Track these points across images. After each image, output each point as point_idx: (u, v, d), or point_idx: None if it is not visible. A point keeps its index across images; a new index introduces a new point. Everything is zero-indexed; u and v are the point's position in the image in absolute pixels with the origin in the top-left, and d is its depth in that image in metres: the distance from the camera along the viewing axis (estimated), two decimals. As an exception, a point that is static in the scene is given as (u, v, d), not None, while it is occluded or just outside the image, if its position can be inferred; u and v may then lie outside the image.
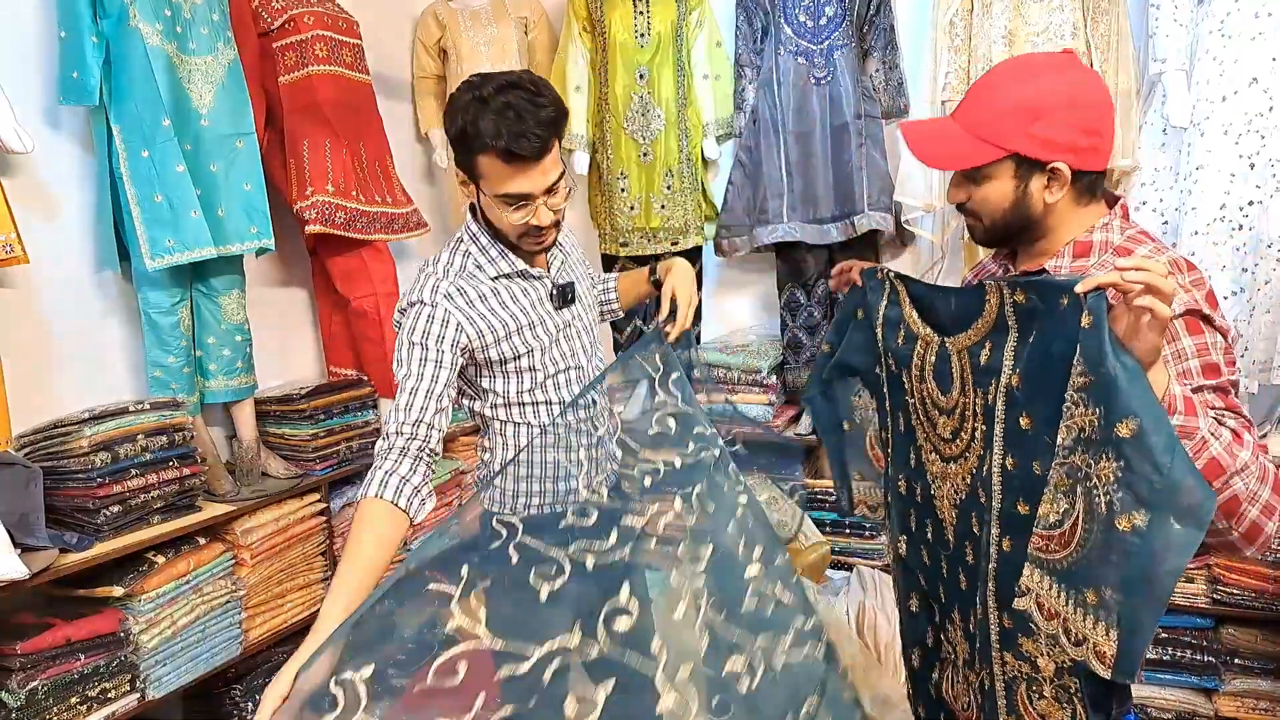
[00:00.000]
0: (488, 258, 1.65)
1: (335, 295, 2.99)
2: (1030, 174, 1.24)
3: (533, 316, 1.67)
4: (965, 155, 1.25)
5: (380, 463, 1.48)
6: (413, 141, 3.65)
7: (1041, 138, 1.21)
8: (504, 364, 1.66)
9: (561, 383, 1.72)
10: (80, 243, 2.41)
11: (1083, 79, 1.24)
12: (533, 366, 1.68)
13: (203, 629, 2.35)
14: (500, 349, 1.64)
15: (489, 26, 3.35)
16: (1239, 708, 2.63)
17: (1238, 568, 2.60)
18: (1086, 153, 1.23)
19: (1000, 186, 1.26)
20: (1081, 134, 1.22)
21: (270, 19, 2.70)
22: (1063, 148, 1.21)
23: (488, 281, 1.65)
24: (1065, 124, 1.21)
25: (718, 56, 3.23)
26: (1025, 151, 1.22)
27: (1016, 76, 1.25)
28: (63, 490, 2.18)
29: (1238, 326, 2.52)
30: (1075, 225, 1.29)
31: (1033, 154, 1.22)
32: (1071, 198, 1.27)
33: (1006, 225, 1.30)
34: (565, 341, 1.73)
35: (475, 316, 1.61)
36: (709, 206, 3.32)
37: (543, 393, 1.71)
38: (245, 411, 2.70)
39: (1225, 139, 2.48)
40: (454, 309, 1.59)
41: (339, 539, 2.81)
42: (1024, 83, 1.23)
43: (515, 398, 1.69)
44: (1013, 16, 2.68)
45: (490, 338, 1.62)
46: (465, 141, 1.50)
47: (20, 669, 1.94)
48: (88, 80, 2.23)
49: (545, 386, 1.70)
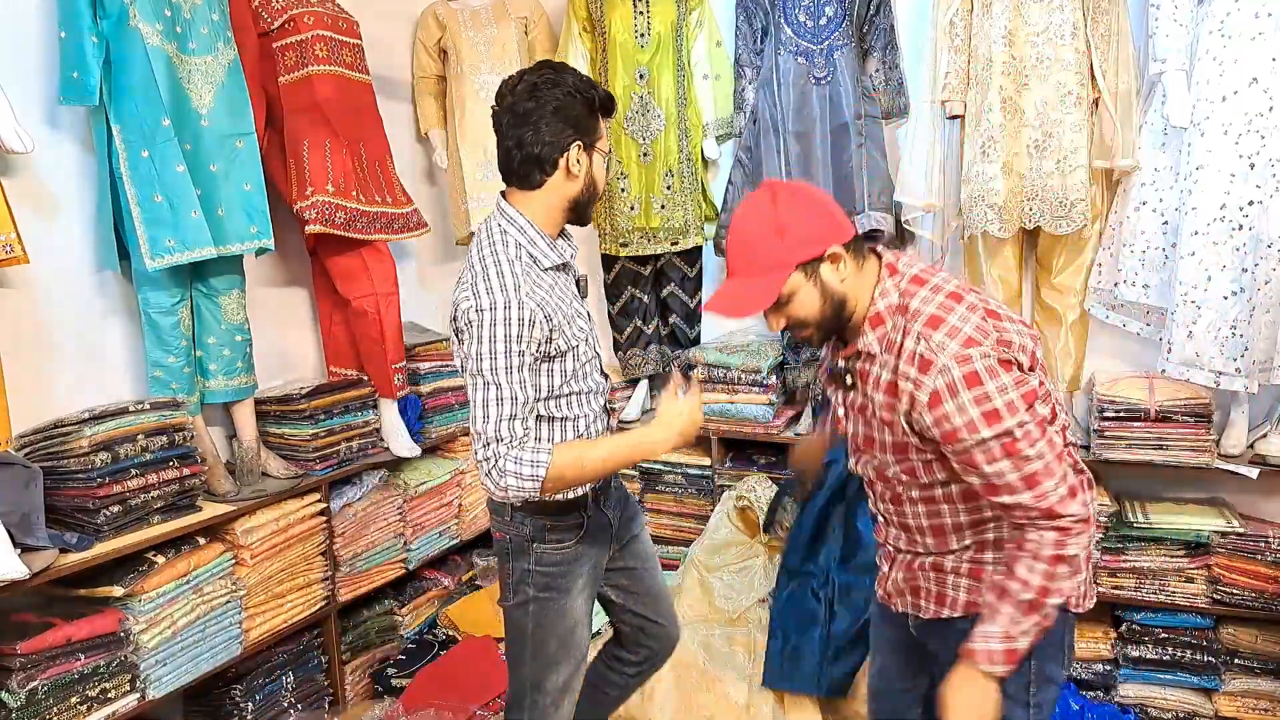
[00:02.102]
0: (539, 250, 1.70)
1: (335, 295, 2.99)
2: (816, 269, 1.43)
3: (575, 308, 1.76)
4: (768, 291, 1.42)
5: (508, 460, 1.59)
6: (413, 141, 3.65)
7: (800, 242, 1.41)
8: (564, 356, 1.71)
9: (589, 371, 1.79)
10: (80, 243, 2.41)
11: (782, 193, 1.45)
12: (576, 357, 1.74)
13: (203, 629, 2.35)
14: (556, 343, 1.68)
15: (489, 26, 3.35)
16: (1239, 708, 2.63)
17: (1238, 568, 2.60)
18: (835, 230, 1.44)
19: (804, 294, 1.44)
20: (818, 221, 1.43)
21: (270, 19, 2.70)
22: (818, 238, 1.42)
23: (544, 274, 1.70)
24: (804, 223, 1.42)
25: (718, 56, 3.23)
26: (802, 258, 1.42)
27: (747, 228, 1.44)
28: (63, 490, 2.18)
29: (1238, 326, 2.52)
30: (864, 292, 1.47)
31: (809, 255, 1.42)
32: (854, 268, 1.46)
33: (828, 319, 1.47)
34: (590, 332, 1.81)
35: (550, 311, 1.66)
36: (709, 206, 3.32)
37: (577, 382, 1.76)
38: (245, 411, 2.70)
39: (1225, 139, 2.48)
40: (534, 305, 1.63)
41: (339, 539, 2.81)
42: (754, 225, 1.44)
43: (561, 390, 1.73)
44: (1013, 16, 2.68)
45: (554, 331, 1.67)
46: (591, 108, 1.69)
47: (20, 669, 1.94)
48: (88, 80, 2.23)
49: (579, 376, 1.76)
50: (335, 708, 2.85)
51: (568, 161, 1.69)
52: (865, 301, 1.47)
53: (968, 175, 2.77)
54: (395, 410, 3.06)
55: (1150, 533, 2.67)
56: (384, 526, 3.01)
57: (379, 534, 2.98)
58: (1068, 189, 2.66)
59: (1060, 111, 2.64)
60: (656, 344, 3.43)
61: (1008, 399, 1.33)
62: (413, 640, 3.15)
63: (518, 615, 1.84)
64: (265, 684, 2.62)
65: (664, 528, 3.37)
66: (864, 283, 1.47)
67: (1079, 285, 2.86)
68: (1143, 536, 2.69)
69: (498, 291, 1.61)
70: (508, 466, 1.59)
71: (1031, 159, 2.70)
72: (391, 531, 3.04)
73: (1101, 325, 2.93)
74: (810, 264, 1.42)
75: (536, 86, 1.65)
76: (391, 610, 3.15)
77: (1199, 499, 2.81)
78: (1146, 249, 2.70)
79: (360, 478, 2.95)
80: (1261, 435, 2.69)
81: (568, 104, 1.65)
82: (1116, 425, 2.69)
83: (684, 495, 3.33)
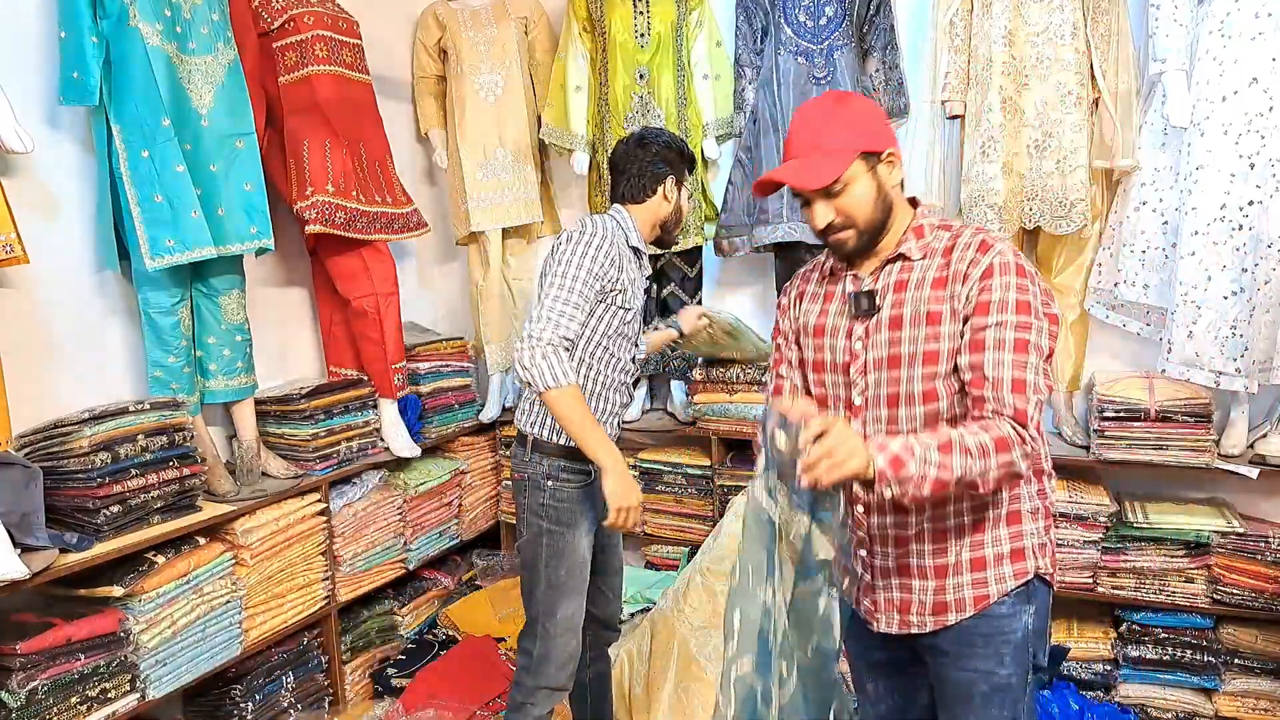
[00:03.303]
0: (623, 233, 2.14)
1: (335, 295, 2.99)
2: (875, 164, 1.47)
3: (639, 283, 2.18)
4: (832, 168, 1.44)
5: (549, 353, 1.90)
6: (413, 141, 3.65)
7: (867, 134, 1.47)
8: (618, 308, 2.09)
9: (623, 345, 2.15)
10: (80, 243, 2.41)
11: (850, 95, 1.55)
12: (624, 318, 2.11)
13: (202, 629, 2.35)
14: (616, 296, 2.07)
15: (489, 26, 3.35)
16: (1239, 708, 2.63)
17: (1238, 568, 2.60)
18: (893, 138, 1.52)
19: (860, 185, 1.46)
20: (883, 123, 1.51)
21: (270, 19, 2.70)
22: (883, 135, 1.49)
23: (624, 247, 2.12)
24: (871, 120, 1.49)
25: (718, 56, 3.23)
26: (867, 147, 1.46)
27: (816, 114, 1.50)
28: (63, 490, 2.18)
29: (1238, 326, 2.52)
30: (902, 210, 1.54)
31: (872, 147, 1.47)
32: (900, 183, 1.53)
33: (874, 221, 1.49)
34: (638, 316, 2.19)
35: (621, 261, 2.08)
36: (709, 206, 3.32)
37: (613, 344, 2.11)
38: (245, 411, 2.70)
39: (1225, 139, 2.48)
40: (613, 250, 2.05)
41: (339, 539, 2.81)
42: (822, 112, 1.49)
43: (602, 333, 2.08)
44: (1013, 16, 2.68)
45: (619, 281, 2.07)
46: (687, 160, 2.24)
47: (20, 669, 1.94)
48: (88, 80, 2.23)
49: (616, 339, 2.11)
50: (335, 708, 2.85)
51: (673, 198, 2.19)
52: (903, 219, 1.53)
53: (968, 175, 2.77)
54: (395, 410, 3.06)
55: (1150, 533, 2.67)
56: (384, 526, 3.01)
57: (379, 534, 2.99)
58: (1068, 189, 2.66)
59: (1060, 111, 2.65)
60: (656, 344, 3.44)
61: (1040, 304, 1.42)
62: (413, 640, 3.15)
63: (531, 550, 2.12)
64: (265, 684, 2.62)
65: (664, 528, 3.37)
66: (899, 200, 1.54)
67: (1079, 285, 2.86)
68: (1143, 536, 2.69)
69: (598, 228, 2.05)
70: (548, 356, 1.89)
71: (1031, 159, 2.70)
72: (391, 531, 3.04)
73: (1101, 325, 2.93)
74: (872, 156, 1.46)
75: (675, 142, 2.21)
76: (391, 610, 3.15)
77: (1199, 499, 2.81)
78: (1146, 249, 2.70)
79: (360, 478, 2.95)
80: (1261, 435, 2.69)
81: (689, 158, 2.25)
82: (1116, 425, 2.69)
83: (684, 495, 3.33)
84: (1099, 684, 2.76)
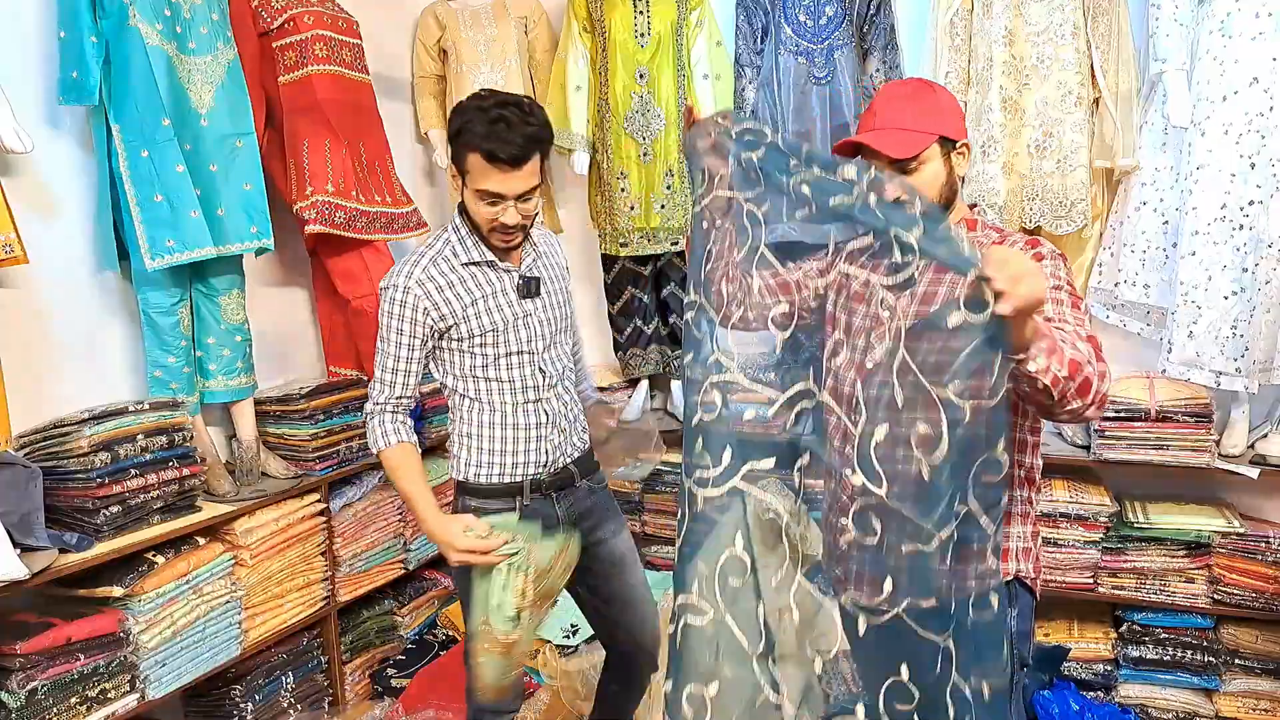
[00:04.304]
0: (464, 246, 1.91)
1: (335, 295, 2.99)
2: (949, 151, 1.55)
3: (491, 303, 1.91)
4: (916, 141, 1.50)
5: (381, 418, 1.92)
6: (413, 141, 3.65)
7: (951, 119, 1.55)
8: (463, 341, 1.91)
9: (514, 364, 1.95)
10: (80, 243, 2.41)
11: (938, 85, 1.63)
12: (484, 346, 1.92)
13: (202, 629, 2.35)
14: (460, 329, 1.89)
15: (489, 26, 3.35)
16: (1239, 708, 2.63)
17: (1238, 568, 2.60)
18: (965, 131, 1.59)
19: (933, 167, 1.52)
20: (961, 117, 1.60)
21: (270, 19, 2.70)
22: (963, 126, 1.58)
23: (459, 268, 1.90)
24: (955, 111, 1.57)
25: (718, 56, 3.23)
26: (946, 133, 1.53)
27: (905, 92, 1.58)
28: (62, 490, 2.17)
29: (1239, 326, 2.52)
30: (960, 203, 1.61)
31: (951, 134, 1.54)
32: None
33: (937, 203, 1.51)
34: (522, 329, 1.95)
35: (440, 300, 1.87)
36: (709, 206, 3.31)
37: (494, 371, 1.94)
38: (245, 411, 2.69)
39: (1225, 139, 2.48)
40: (422, 294, 1.86)
41: (339, 539, 2.81)
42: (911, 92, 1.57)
43: (469, 372, 1.94)
44: (1013, 16, 2.68)
45: (451, 318, 1.88)
46: (460, 138, 1.79)
47: (20, 669, 1.94)
48: (87, 80, 2.23)
49: (497, 365, 1.93)
50: (335, 708, 2.85)
51: (460, 186, 1.88)
52: (960, 211, 1.61)
53: (968, 175, 2.77)
54: (395, 410, 3.06)
55: (1151, 533, 2.67)
56: (384, 526, 3.01)
57: (379, 534, 2.98)
58: (1068, 189, 2.66)
59: (1061, 111, 2.64)
60: (656, 344, 3.43)
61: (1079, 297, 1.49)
62: (412, 640, 3.15)
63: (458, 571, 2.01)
64: (265, 684, 2.62)
65: (664, 528, 3.37)
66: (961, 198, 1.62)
67: (1079, 285, 2.86)
68: (1143, 536, 2.69)
69: (389, 279, 1.88)
70: (375, 419, 1.93)
71: (1032, 159, 2.70)
72: (391, 531, 3.04)
73: (1102, 325, 2.93)
74: (948, 143, 1.53)
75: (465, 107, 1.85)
76: (391, 610, 3.15)
77: (1199, 499, 2.82)
78: (1147, 249, 2.70)
79: (360, 478, 2.95)
80: (1262, 435, 2.69)
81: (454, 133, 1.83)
82: (1117, 425, 2.69)
83: (684, 495, 3.32)
84: (1099, 684, 2.76)
